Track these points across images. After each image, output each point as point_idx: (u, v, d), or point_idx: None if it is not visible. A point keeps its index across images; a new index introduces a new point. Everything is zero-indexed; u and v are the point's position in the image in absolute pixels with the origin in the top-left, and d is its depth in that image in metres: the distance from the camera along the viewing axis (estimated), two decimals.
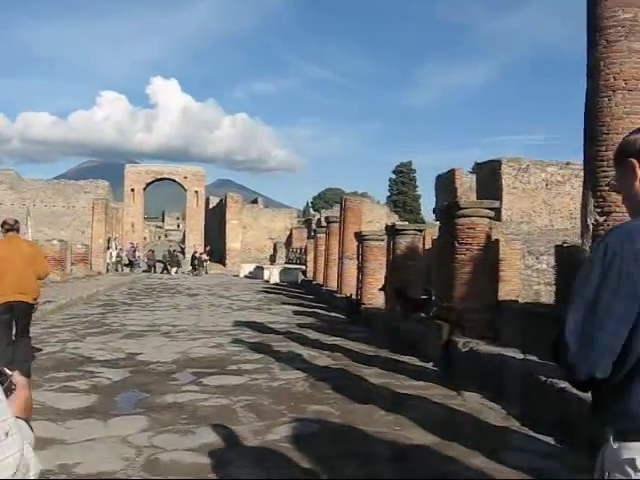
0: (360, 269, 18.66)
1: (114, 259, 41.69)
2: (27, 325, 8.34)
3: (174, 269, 43.19)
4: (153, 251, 45.60)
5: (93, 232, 38.88)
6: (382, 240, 17.92)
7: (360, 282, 18.43)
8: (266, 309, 20.07)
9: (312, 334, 14.14)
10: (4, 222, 8.25)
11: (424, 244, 18.85)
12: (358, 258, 19.28)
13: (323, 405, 7.58)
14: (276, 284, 34.15)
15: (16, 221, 8.44)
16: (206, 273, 43.03)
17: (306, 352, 11.48)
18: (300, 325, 15.75)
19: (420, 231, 15.73)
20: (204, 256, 45.59)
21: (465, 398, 8.02)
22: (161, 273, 42.37)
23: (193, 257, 45.42)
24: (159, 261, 44.47)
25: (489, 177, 36.72)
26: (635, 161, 2.01)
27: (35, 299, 8.35)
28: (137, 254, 45.52)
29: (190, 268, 44.36)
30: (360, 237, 18.85)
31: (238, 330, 14.49)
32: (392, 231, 15.69)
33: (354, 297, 18.80)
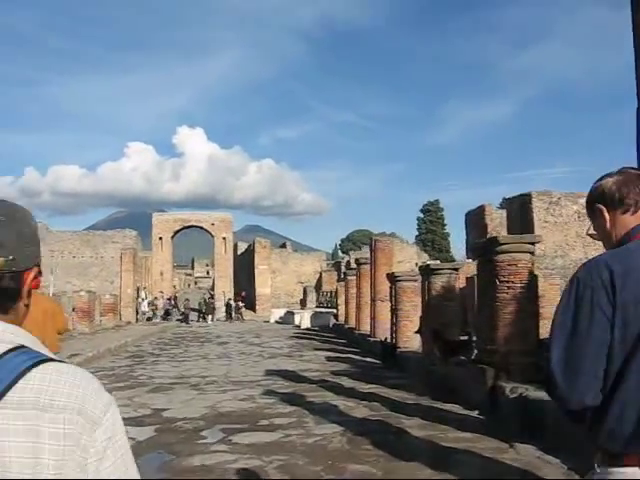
0: (394, 311, 18.04)
1: (146, 308, 41.44)
2: None
3: (210, 317, 42.80)
4: (189, 300, 45.32)
5: (122, 282, 38.66)
6: (415, 280, 17.33)
7: (394, 325, 17.80)
8: (298, 356, 19.43)
9: (347, 382, 13.50)
10: None
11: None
12: (391, 300, 18.67)
13: (363, 464, 6.95)
14: (307, 329, 33.53)
15: None
16: (243, 321, 42.40)
17: (342, 402, 10.85)
18: (334, 372, 15.11)
19: (456, 270, 15.09)
20: (240, 303, 45.12)
21: (518, 451, 7.33)
22: (197, 322, 41.99)
23: (228, 304, 45.03)
24: (194, 309, 44.12)
25: (520, 211, 35.97)
26: (602, 206, 2.21)
27: (55, 354, 7.98)
28: (172, 303, 45.36)
29: (225, 315, 43.95)
30: (392, 278, 18.26)
31: (269, 380, 13.89)
32: (426, 271, 15.09)
33: (388, 341, 18.13)
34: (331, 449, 7.70)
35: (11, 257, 1.30)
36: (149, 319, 40.63)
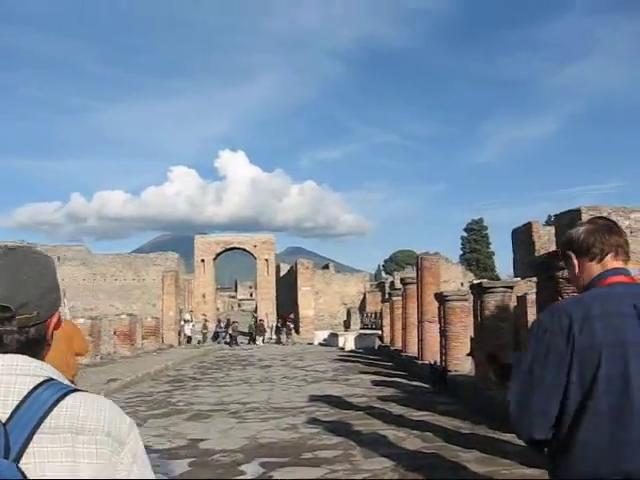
0: (443, 333, 17.16)
1: (189, 332, 41.06)
2: None
3: (260, 339, 42.30)
4: (237, 322, 45.00)
5: (164, 305, 38.29)
6: (466, 300, 16.48)
7: (443, 347, 16.92)
8: (343, 380, 18.62)
9: (395, 408, 12.68)
10: None
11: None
12: (440, 321, 17.81)
13: None
14: (352, 351, 32.65)
15: None
16: (293, 343, 41.69)
17: (391, 432, 10.04)
18: (381, 398, 14.29)
19: (510, 288, 14.19)
20: (290, 324, 44.53)
21: None
22: (248, 344, 41.57)
23: (277, 326, 44.53)
24: (243, 333, 43.71)
25: (568, 228, 34.64)
26: (571, 252, 2.39)
27: (73, 376, 7.85)
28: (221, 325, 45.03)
29: (275, 337, 43.48)
30: (441, 298, 17.40)
31: (313, 407, 13.13)
32: (478, 290, 14.21)
33: (438, 364, 17.24)
34: None
35: (35, 313, 1.45)
36: (198, 342, 40.26)
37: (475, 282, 15.89)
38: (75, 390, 1.43)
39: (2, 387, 1.37)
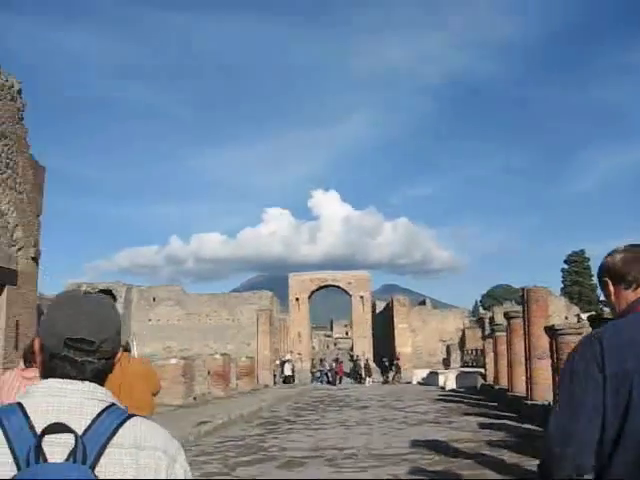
0: (556, 370, 15.64)
1: (289, 369, 40.63)
2: None
3: (368, 379, 41.40)
4: (342, 362, 44.44)
5: (258, 344, 37.72)
6: (580, 333, 14.90)
7: (557, 385, 15.37)
8: (446, 422, 17.26)
9: (508, 456, 11.34)
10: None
11: None
12: (552, 357, 16.29)
13: None
14: (453, 390, 31.06)
15: (127, 343, 9.53)
16: (399, 382, 40.50)
17: None
18: (490, 443, 12.96)
19: None
20: (400, 362, 43.51)
21: None
22: (354, 383, 40.83)
23: (386, 365, 43.63)
24: (347, 374, 43.05)
25: None
26: (607, 279, 2.42)
27: (151, 413, 8.21)
28: (325, 364, 44.59)
29: (383, 377, 42.62)
30: (553, 332, 15.93)
31: (416, 454, 11.91)
32: (597, 321, 12.74)
33: (552, 404, 15.69)
34: None
35: (110, 348, 1.77)
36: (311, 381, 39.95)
37: (592, 313, 14.38)
38: (134, 415, 1.68)
39: (80, 408, 1.62)
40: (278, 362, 41.21)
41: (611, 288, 2.40)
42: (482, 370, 32.62)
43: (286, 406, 24.22)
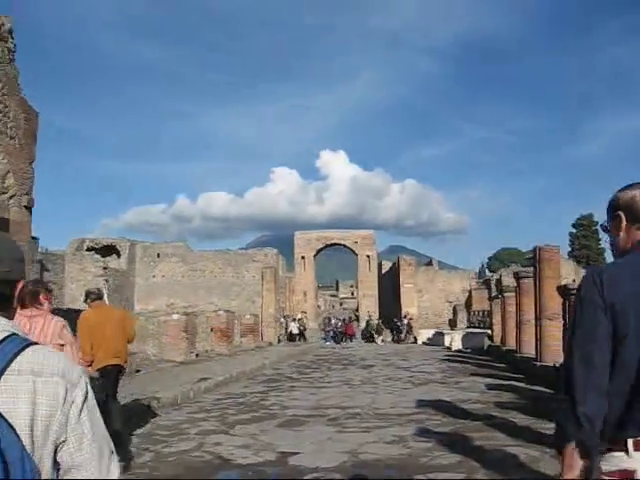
0: (567, 331, 15.07)
1: (296, 327, 40.43)
2: (116, 388, 8.40)
3: (380, 337, 41.08)
4: (352, 322, 44.20)
5: (263, 301, 37.25)
6: None
7: None
8: (453, 383, 16.79)
9: (519, 418, 10.85)
10: (90, 292, 8.53)
11: None
12: (564, 317, 15.74)
13: None
14: (459, 351, 30.63)
15: (99, 290, 8.86)
16: (415, 342, 40.12)
17: (521, 450, 8.23)
18: (499, 405, 12.47)
19: None
20: (412, 322, 43.13)
21: None
22: (366, 342, 40.57)
23: (395, 325, 43.23)
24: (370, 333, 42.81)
25: None
26: (622, 214, 2.38)
27: (125, 362, 8.53)
28: (333, 322, 44.38)
29: (392, 335, 42.46)
30: (565, 291, 15.33)
31: (423, 414, 11.43)
32: None
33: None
34: None
35: (7, 269, 1.74)
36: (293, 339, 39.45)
37: None
38: (34, 343, 1.68)
39: None
40: (283, 320, 40.86)
41: (623, 224, 2.39)
42: (489, 331, 32.18)
43: (290, 364, 23.81)
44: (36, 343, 1.68)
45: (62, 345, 5.54)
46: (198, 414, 11.74)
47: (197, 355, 23.57)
